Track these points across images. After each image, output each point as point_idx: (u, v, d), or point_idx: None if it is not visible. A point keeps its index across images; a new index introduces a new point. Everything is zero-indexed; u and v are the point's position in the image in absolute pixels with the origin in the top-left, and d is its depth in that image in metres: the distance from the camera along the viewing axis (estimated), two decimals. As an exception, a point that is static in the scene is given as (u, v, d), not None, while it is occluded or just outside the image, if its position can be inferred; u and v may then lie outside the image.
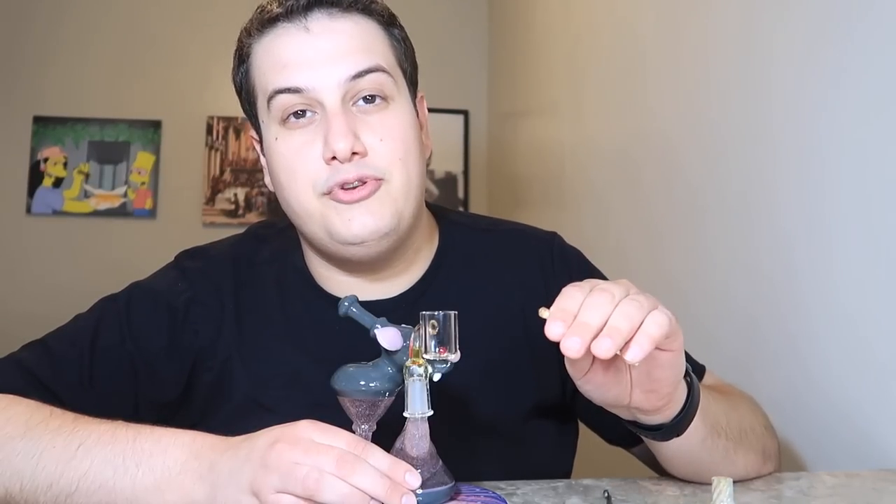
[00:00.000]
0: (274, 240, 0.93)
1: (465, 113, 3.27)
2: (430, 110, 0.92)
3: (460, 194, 3.26)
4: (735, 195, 1.20)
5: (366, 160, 0.77)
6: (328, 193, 0.77)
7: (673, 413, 0.69)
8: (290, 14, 0.79)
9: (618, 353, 0.57)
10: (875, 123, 0.89)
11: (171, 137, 3.17)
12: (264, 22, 0.80)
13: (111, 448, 0.65)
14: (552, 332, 0.57)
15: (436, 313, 0.62)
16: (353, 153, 0.76)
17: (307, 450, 0.57)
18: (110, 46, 3.16)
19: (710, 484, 0.61)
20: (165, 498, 0.62)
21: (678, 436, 0.71)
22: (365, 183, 0.77)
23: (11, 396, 0.74)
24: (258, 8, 0.82)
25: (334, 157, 0.76)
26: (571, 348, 0.56)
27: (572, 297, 0.60)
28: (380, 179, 0.78)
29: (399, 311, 0.81)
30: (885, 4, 0.87)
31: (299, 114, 0.79)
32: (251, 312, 0.86)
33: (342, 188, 0.77)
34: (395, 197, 0.78)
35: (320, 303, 0.86)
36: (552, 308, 0.59)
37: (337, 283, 0.86)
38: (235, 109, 3.61)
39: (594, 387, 0.66)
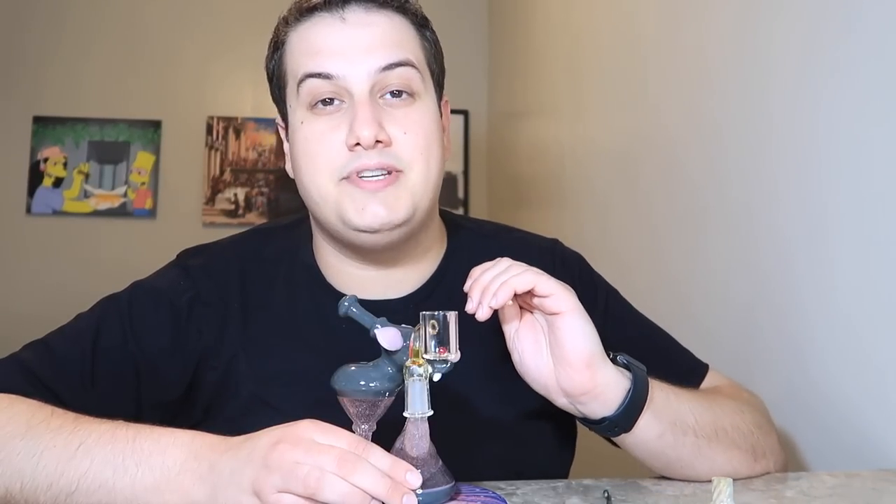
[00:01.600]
0: (280, 237, 0.93)
1: (465, 113, 3.27)
2: None
3: (460, 194, 3.27)
4: (735, 195, 1.20)
5: (389, 150, 0.79)
6: (347, 178, 0.79)
7: (613, 403, 0.73)
8: (328, 4, 0.82)
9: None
10: (875, 124, 0.89)
11: (171, 137, 3.17)
12: (303, 11, 0.83)
13: (111, 448, 0.64)
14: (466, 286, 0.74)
15: (436, 313, 0.62)
16: (377, 141, 0.78)
17: (308, 449, 0.57)
18: (110, 46, 3.16)
19: (709, 483, 0.61)
20: (165, 498, 0.62)
21: (626, 431, 0.74)
22: (386, 174, 0.79)
23: (13, 396, 0.73)
24: None
25: (358, 144, 0.78)
26: (468, 307, 0.72)
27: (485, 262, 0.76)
28: (399, 171, 0.79)
29: (408, 310, 0.81)
30: (884, 4, 0.87)
31: (327, 101, 0.81)
32: (258, 309, 0.86)
33: (361, 176, 0.79)
34: (412, 190, 0.80)
35: (329, 300, 0.85)
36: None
37: (347, 277, 0.87)
38: (235, 109, 3.62)
39: (522, 358, 0.75)
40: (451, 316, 0.63)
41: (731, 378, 0.96)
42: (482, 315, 0.71)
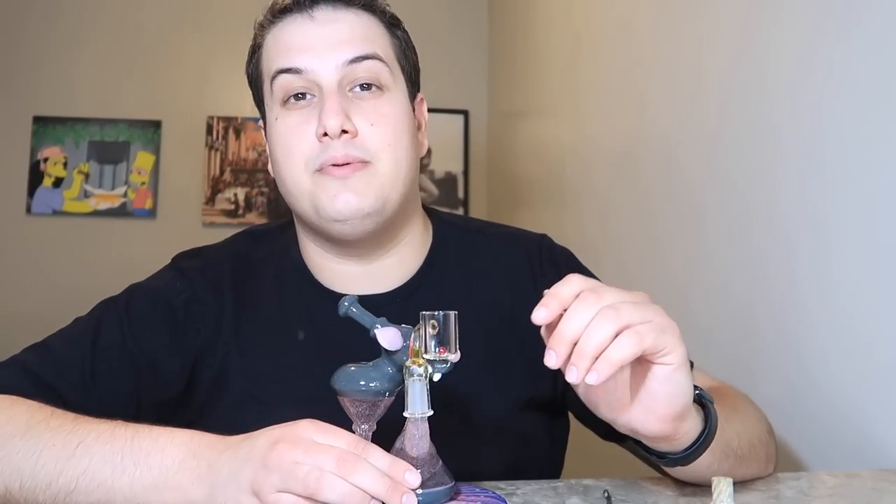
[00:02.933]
0: (271, 238, 0.95)
1: (465, 113, 3.27)
2: (430, 110, 0.95)
3: (460, 194, 3.26)
4: (735, 195, 1.20)
5: (355, 141, 0.81)
6: (320, 170, 0.81)
7: (683, 445, 0.66)
8: (298, 5, 0.84)
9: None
10: (875, 123, 0.89)
11: (171, 137, 3.17)
12: (275, 13, 0.86)
13: (110, 447, 0.65)
14: (537, 317, 0.60)
15: (436, 313, 0.62)
16: (344, 131, 0.80)
17: (308, 449, 0.57)
18: (110, 46, 3.16)
19: (709, 483, 0.61)
20: (164, 497, 0.62)
21: (684, 465, 0.68)
22: (350, 164, 0.81)
23: (13, 397, 0.74)
24: (271, 2, 0.87)
25: (326, 134, 0.80)
26: (549, 361, 0.58)
27: (568, 286, 0.61)
28: (367, 162, 0.81)
29: (394, 305, 0.83)
30: (884, 4, 0.87)
31: (299, 96, 0.83)
32: (250, 308, 0.88)
33: (333, 165, 0.81)
34: (381, 181, 0.82)
35: (318, 298, 0.88)
36: (546, 292, 0.61)
37: (333, 273, 0.88)
38: (235, 109, 3.64)
39: (590, 392, 0.64)
40: (452, 316, 0.63)
41: (728, 379, 0.96)
42: (574, 378, 0.58)
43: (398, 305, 0.84)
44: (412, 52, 0.90)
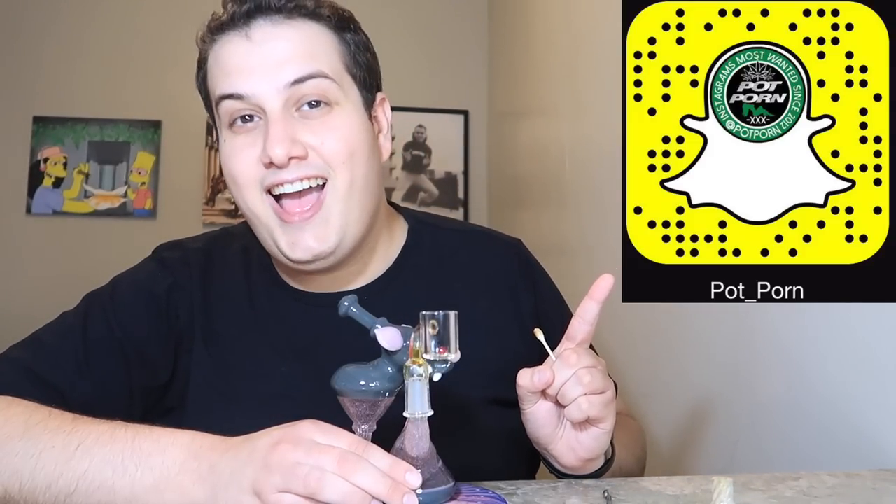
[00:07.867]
0: (245, 235, 0.95)
1: (465, 113, 3.27)
2: (429, 110, 0.94)
3: (460, 194, 3.26)
4: (735, 195, 1.20)
5: (306, 161, 0.80)
6: (270, 192, 0.81)
7: (585, 472, 0.78)
8: (233, 22, 0.82)
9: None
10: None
11: (171, 137, 3.17)
12: (213, 30, 0.85)
13: (110, 448, 0.65)
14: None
15: (436, 313, 0.62)
16: (291, 157, 0.79)
17: (309, 450, 0.57)
18: (110, 46, 3.16)
19: (709, 482, 0.61)
20: (165, 498, 0.62)
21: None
22: (306, 191, 0.80)
23: (10, 398, 0.74)
24: (211, 14, 0.85)
25: (272, 163, 0.79)
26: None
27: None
28: (323, 178, 0.80)
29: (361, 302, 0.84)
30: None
31: (246, 118, 0.82)
32: (218, 301, 0.89)
33: (281, 197, 0.80)
34: (339, 207, 0.81)
35: (283, 295, 0.89)
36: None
37: (297, 277, 0.89)
38: (235, 109, 3.45)
39: (531, 419, 0.76)
40: (452, 316, 0.63)
41: (727, 379, 0.96)
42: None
43: (365, 302, 0.85)
44: (366, 52, 0.87)
